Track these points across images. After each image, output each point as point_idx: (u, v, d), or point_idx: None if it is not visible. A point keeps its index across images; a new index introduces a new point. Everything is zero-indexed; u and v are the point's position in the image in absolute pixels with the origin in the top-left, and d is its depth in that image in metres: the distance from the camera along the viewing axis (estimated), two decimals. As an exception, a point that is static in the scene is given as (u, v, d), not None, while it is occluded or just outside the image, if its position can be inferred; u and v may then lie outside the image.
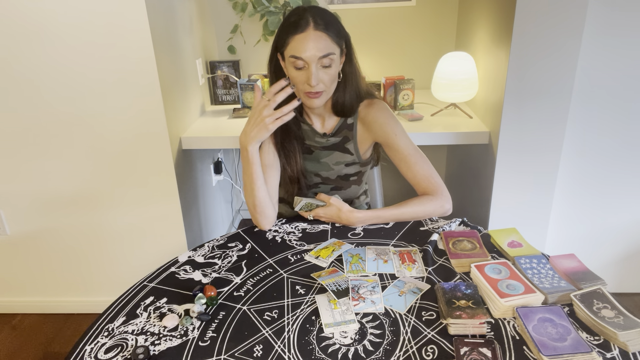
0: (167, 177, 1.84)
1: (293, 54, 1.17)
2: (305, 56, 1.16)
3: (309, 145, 1.38)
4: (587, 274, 1.00)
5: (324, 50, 1.17)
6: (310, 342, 0.89)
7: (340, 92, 1.30)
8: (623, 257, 2.07)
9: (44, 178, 1.87)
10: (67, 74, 1.69)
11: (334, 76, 1.23)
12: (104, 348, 0.90)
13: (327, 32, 1.17)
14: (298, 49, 1.16)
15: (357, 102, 1.34)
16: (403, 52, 2.34)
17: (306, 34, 1.16)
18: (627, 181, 1.91)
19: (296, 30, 1.16)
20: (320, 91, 1.22)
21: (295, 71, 1.20)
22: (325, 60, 1.18)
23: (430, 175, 1.30)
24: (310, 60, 1.17)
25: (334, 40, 1.19)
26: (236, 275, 1.10)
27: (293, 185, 1.38)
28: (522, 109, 1.63)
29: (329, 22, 1.19)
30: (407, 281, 1.05)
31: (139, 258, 2.01)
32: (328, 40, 1.17)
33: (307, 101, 1.25)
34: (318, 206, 1.31)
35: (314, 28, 1.16)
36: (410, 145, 1.32)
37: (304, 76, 1.19)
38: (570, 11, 1.49)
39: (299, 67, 1.19)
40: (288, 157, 1.35)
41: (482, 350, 0.83)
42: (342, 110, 1.33)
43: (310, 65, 1.17)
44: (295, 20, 1.18)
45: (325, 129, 1.38)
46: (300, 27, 1.16)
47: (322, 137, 1.37)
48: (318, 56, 1.17)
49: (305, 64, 1.18)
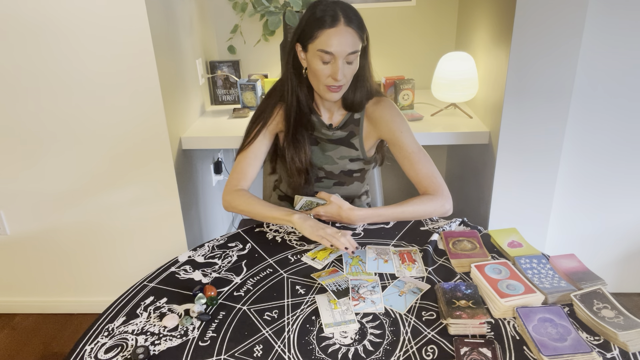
0: (167, 177, 1.84)
1: (322, 48, 1.19)
2: (335, 51, 1.18)
3: (316, 136, 1.39)
4: (587, 274, 1.00)
5: (353, 47, 1.19)
6: (310, 342, 0.89)
7: (352, 87, 1.31)
8: (623, 257, 2.07)
9: (44, 178, 1.87)
10: (67, 73, 1.69)
11: (355, 71, 1.26)
12: (104, 348, 0.90)
13: (356, 28, 1.19)
14: (328, 43, 1.18)
15: (366, 98, 1.36)
16: (403, 52, 2.34)
17: (337, 29, 1.17)
18: (627, 181, 1.91)
19: (326, 24, 1.18)
20: (342, 85, 1.24)
21: (321, 64, 1.22)
22: (351, 57, 1.21)
23: (433, 175, 1.31)
24: (339, 55, 1.19)
25: (360, 36, 1.21)
26: (236, 275, 1.10)
27: (300, 177, 1.38)
28: (522, 108, 1.63)
29: (358, 18, 1.21)
30: (407, 281, 1.05)
31: (139, 258, 2.01)
32: (356, 36, 1.20)
33: (326, 94, 1.27)
34: (319, 204, 1.30)
35: (345, 24, 1.18)
36: (414, 143, 1.33)
37: (329, 70, 1.21)
38: (570, 11, 1.49)
39: (326, 61, 1.21)
40: (298, 149, 1.35)
41: (482, 350, 0.83)
42: (351, 104, 1.34)
43: (338, 60, 1.19)
44: (326, 14, 1.18)
45: (332, 121, 1.39)
46: (332, 21, 1.17)
47: (329, 129, 1.38)
48: (348, 52, 1.19)
49: (333, 58, 1.20)
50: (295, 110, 1.33)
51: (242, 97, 2.14)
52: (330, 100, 1.30)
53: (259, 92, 2.14)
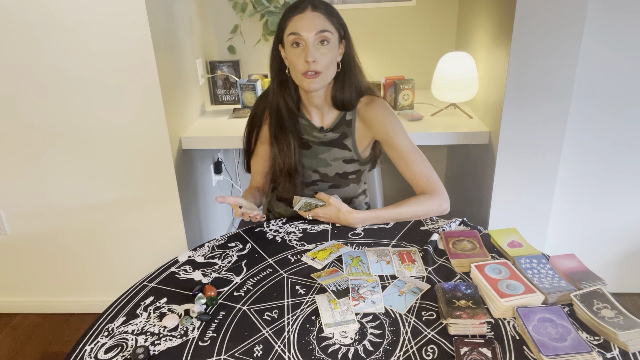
0: (167, 177, 1.84)
1: (291, 31, 1.22)
2: (302, 31, 1.21)
3: (307, 140, 1.39)
4: (587, 274, 1.00)
5: (321, 26, 1.22)
6: (310, 342, 0.89)
7: (339, 83, 1.32)
8: (623, 257, 2.07)
9: (44, 178, 1.87)
10: (66, 74, 1.69)
11: (331, 60, 1.25)
12: (104, 348, 0.90)
13: (325, 14, 1.23)
14: (296, 25, 1.22)
15: (356, 97, 1.35)
16: (403, 52, 2.34)
17: (304, 14, 1.22)
18: (627, 181, 1.91)
19: (295, 12, 1.23)
20: (317, 71, 1.23)
21: (293, 51, 1.23)
22: (321, 36, 1.22)
23: (429, 175, 1.31)
24: (308, 35, 1.21)
25: (331, 22, 1.24)
26: (236, 275, 1.10)
27: (284, 179, 1.38)
28: (522, 108, 1.63)
29: (327, 7, 1.25)
30: (407, 281, 1.05)
31: (138, 258, 2.01)
32: (325, 20, 1.23)
33: (304, 83, 1.26)
34: (317, 206, 1.30)
35: (312, 9, 1.22)
36: (409, 144, 1.33)
37: (302, 55, 1.23)
38: (570, 11, 1.49)
39: (297, 43, 1.22)
40: (280, 150, 1.36)
41: (482, 350, 0.83)
42: (341, 103, 1.34)
43: (308, 42, 1.21)
44: (296, 5, 1.24)
45: (323, 123, 1.39)
46: (299, 8, 1.23)
47: (320, 131, 1.38)
48: (315, 31, 1.21)
49: (303, 40, 1.22)
50: (278, 114, 1.35)
51: (242, 97, 2.14)
52: (309, 90, 1.27)
53: (259, 92, 2.14)
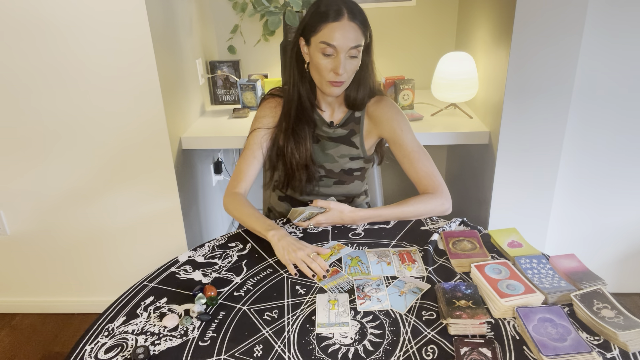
0: (167, 177, 1.84)
1: (325, 40, 1.20)
2: (337, 44, 1.19)
3: (317, 134, 1.40)
4: (587, 274, 1.00)
5: (355, 41, 1.21)
6: (310, 342, 0.89)
7: (354, 84, 1.32)
8: (623, 257, 2.07)
9: (44, 178, 1.87)
10: (66, 74, 1.69)
11: (357, 67, 1.27)
12: (104, 348, 0.90)
13: (359, 24, 1.21)
14: (331, 36, 1.19)
15: (368, 97, 1.37)
16: (403, 52, 2.34)
17: (341, 23, 1.19)
18: (627, 181, 1.91)
19: (330, 18, 1.20)
20: (343, 81, 1.25)
21: (323, 57, 1.23)
22: (354, 51, 1.22)
23: (432, 174, 1.31)
24: (341, 49, 1.20)
25: (362, 32, 1.22)
26: (236, 275, 1.10)
27: (300, 173, 1.37)
28: (522, 108, 1.63)
29: (361, 15, 1.23)
30: (407, 281, 1.05)
31: (139, 258, 2.01)
32: (359, 31, 1.21)
33: (327, 89, 1.28)
34: (318, 213, 1.26)
35: (349, 19, 1.20)
36: (415, 142, 1.34)
37: (331, 64, 1.23)
38: (570, 11, 1.49)
39: (327, 53, 1.22)
40: (298, 143, 1.35)
41: (482, 350, 0.83)
42: (354, 102, 1.35)
43: (340, 54, 1.21)
44: (330, 9, 1.20)
45: (333, 118, 1.39)
46: (335, 15, 1.19)
47: (329, 126, 1.38)
48: (350, 46, 1.20)
49: (335, 51, 1.21)
50: (296, 104, 1.34)
51: (242, 97, 2.14)
52: (331, 95, 1.30)
53: (259, 92, 2.14)
